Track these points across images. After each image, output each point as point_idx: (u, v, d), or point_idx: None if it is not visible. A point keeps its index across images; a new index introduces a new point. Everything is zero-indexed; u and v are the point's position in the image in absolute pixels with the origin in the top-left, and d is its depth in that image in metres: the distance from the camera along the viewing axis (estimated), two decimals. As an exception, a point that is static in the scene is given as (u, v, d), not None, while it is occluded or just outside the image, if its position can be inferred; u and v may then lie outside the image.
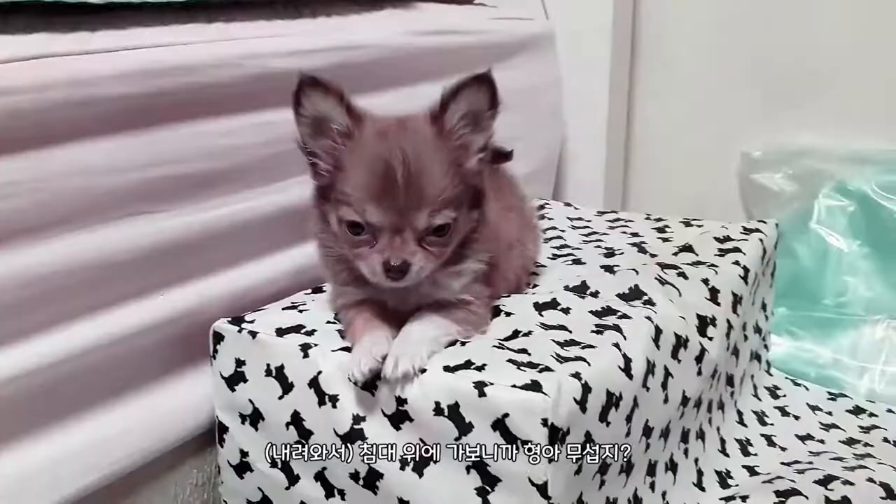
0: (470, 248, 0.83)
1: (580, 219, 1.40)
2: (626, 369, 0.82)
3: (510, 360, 0.77)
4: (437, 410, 0.74)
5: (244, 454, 0.88)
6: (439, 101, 0.77)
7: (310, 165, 0.80)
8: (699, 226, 1.32)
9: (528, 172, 1.50)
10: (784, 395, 1.32)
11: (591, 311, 0.91)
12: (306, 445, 0.82)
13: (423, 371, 0.76)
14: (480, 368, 0.75)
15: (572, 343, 0.83)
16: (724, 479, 1.05)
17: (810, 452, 1.14)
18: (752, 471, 1.08)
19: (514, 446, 0.71)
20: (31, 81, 0.69)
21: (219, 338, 0.87)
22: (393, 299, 0.83)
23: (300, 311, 0.90)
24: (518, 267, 0.98)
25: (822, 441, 1.18)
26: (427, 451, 0.75)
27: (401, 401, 0.76)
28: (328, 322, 0.88)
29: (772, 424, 1.22)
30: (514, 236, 0.96)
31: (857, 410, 1.29)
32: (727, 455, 1.10)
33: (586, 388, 0.75)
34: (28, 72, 0.69)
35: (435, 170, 0.76)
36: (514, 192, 1.08)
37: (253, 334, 0.85)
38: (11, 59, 0.68)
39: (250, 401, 0.86)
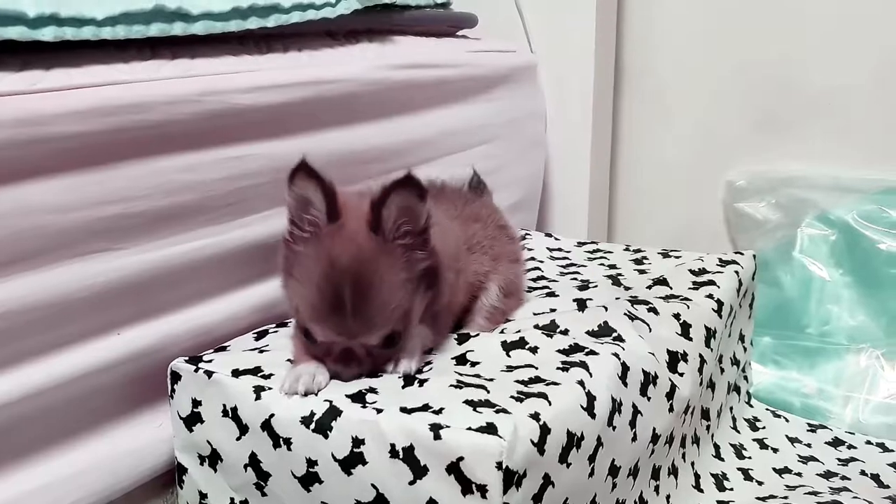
0: (427, 310, 0.86)
1: (560, 249, 1.40)
2: (589, 408, 0.80)
3: (467, 402, 0.75)
4: (393, 453, 0.73)
5: (203, 496, 0.86)
6: (371, 209, 0.79)
7: (288, 231, 0.83)
8: (677, 257, 1.31)
9: (512, 203, 1.51)
10: (763, 427, 1.30)
11: (558, 350, 0.90)
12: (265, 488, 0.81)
13: (420, 372, 0.83)
14: (437, 409, 0.74)
15: (537, 380, 0.82)
16: (697, 515, 1.03)
17: (787, 486, 1.12)
18: (726, 507, 1.06)
19: (469, 491, 0.70)
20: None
21: (176, 377, 0.86)
22: None
23: (260, 352, 0.89)
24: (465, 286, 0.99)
25: (799, 474, 1.17)
26: (380, 496, 0.74)
27: (357, 441, 0.75)
28: (288, 360, 0.87)
29: (749, 458, 1.20)
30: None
31: (837, 442, 1.28)
32: (701, 491, 1.08)
33: (545, 429, 0.73)
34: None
35: (383, 290, 0.79)
36: (493, 220, 1.10)
37: (209, 374, 0.84)
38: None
39: (208, 442, 0.85)
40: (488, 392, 0.78)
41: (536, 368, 0.85)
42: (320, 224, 0.80)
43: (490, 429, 0.70)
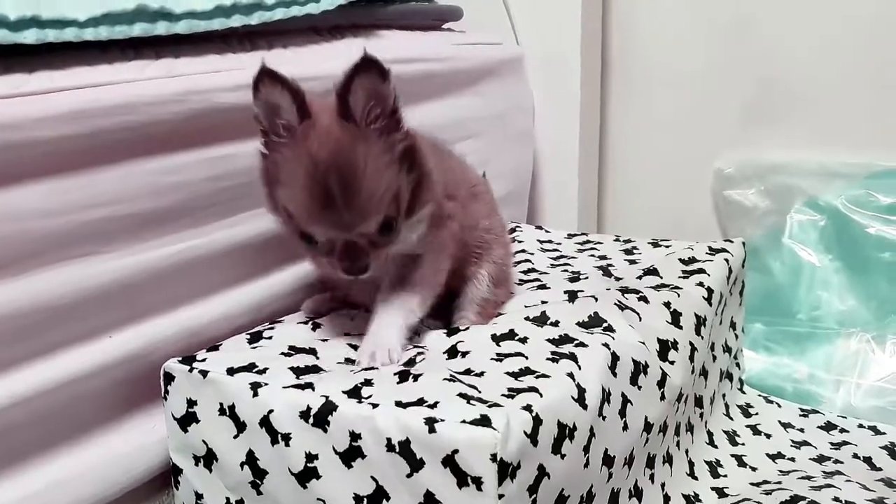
0: (417, 200, 0.86)
1: (550, 241, 1.40)
2: (580, 399, 0.80)
3: (461, 395, 0.76)
4: (389, 447, 0.73)
5: (199, 496, 0.86)
6: (337, 98, 0.79)
7: (262, 142, 0.83)
8: (667, 246, 1.32)
9: (501, 196, 1.50)
10: (756, 414, 1.31)
11: (548, 339, 0.90)
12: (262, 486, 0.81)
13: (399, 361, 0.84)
14: (432, 403, 0.74)
15: (527, 372, 0.82)
16: (691, 502, 1.03)
17: (780, 472, 1.13)
18: (721, 493, 1.07)
19: (465, 483, 0.70)
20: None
21: (169, 378, 0.86)
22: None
23: (253, 349, 0.90)
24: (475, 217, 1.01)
25: (792, 459, 1.18)
26: (380, 488, 0.74)
27: (354, 436, 0.75)
28: (282, 353, 0.87)
29: (743, 444, 1.21)
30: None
31: (829, 426, 1.29)
32: (696, 478, 1.09)
33: (537, 421, 0.73)
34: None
35: (369, 177, 0.79)
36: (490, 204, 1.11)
37: (204, 373, 0.84)
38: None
39: (204, 441, 0.84)
40: (480, 385, 0.78)
41: (527, 359, 0.85)
42: (293, 125, 0.80)
43: (484, 421, 0.70)
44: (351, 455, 0.75)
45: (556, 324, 0.97)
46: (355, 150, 0.79)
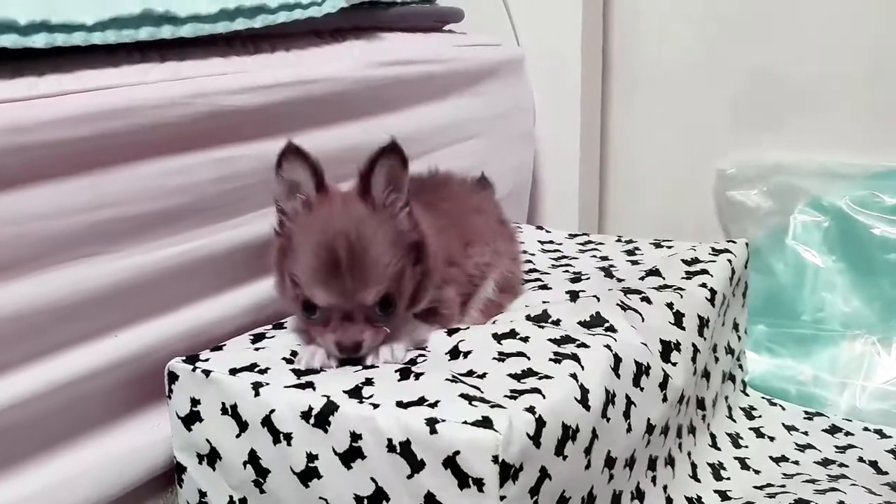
0: (418, 295, 0.89)
1: (551, 242, 1.40)
2: (583, 401, 0.81)
3: (463, 395, 0.76)
4: (390, 447, 0.73)
5: (202, 494, 0.87)
6: (360, 178, 0.84)
7: (278, 222, 0.88)
8: (669, 247, 1.32)
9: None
10: (760, 416, 1.31)
11: (550, 339, 0.90)
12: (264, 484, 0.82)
13: (413, 363, 0.85)
14: (432, 403, 0.75)
15: (530, 373, 0.82)
16: (694, 505, 1.04)
17: (784, 475, 1.13)
18: (723, 496, 1.07)
19: (466, 484, 0.70)
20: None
21: (173, 377, 0.86)
22: None
23: (256, 349, 0.90)
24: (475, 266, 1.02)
25: (796, 462, 1.18)
26: (380, 489, 0.75)
27: (355, 436, 0.75)
28: (283, 359, 0.87)
29: (746, 447, 1.21)
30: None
31: (834, 429, 1.29)
32: (698, 480, 1.09)
33: (540, 423, 0.74)
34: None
35: (376, 249, 0.83)
36: (495, 215, 1.13)
37: (207, 373, 0.84)
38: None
39: (207, 440, 0.85)
40: (482, 386, 0.78)
41: (529, 359, 0.85)
42: (310, 199, 0.84)
43: (485, 422, 0.70)
44: (351, 456, 0.75)
45: (557, 322, 0.97)
46: (367, 223, 0.83)
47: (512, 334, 0.91)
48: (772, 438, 1.25)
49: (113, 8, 0.87)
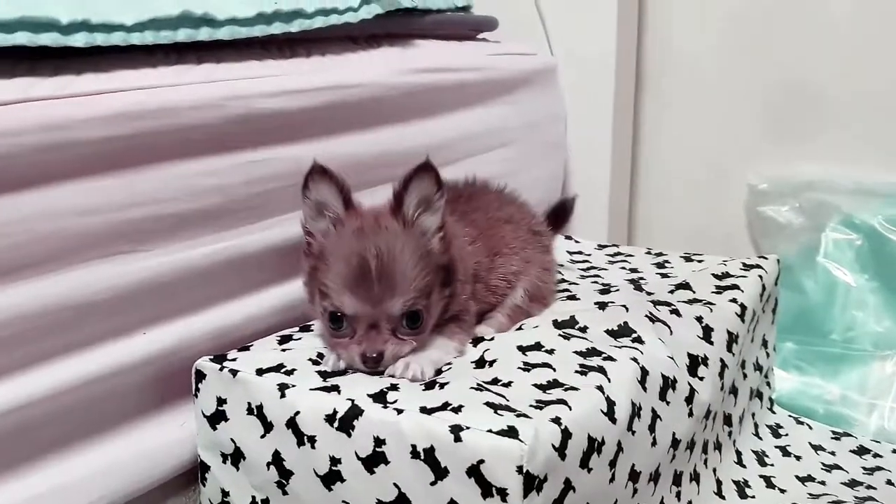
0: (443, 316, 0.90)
1: (580, 252, 1.40)
2: (610, 413, 0.80)
3: (488, 403, 0.76)
4: (414, 454, 0.73)
5: (225, 494, 0.87)
6: (394, 196, 0.86)
7: (306, 243, 0.89)
8: (699, 261, 1.31)
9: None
10: (786, 434, 1.29)
11: (575, 352, 0.90)
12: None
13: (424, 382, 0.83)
14: (457, 410, 0.74)
15: (555, 384, 0.82)
16: (718, 522, 1.03)
17: (810, 495, 1.11)
18: (748, 514, 1.06)
19: (489, 494, 0.70)
20: (5, 127, 0.70)
21: (200, 376, 0.87)
22: None
23: (283, 350, 0.90)
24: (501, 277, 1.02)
25: (823, 483, 1.16)
26: (402, 495, 0.75)
27: (378, 441, 0.75)
28: (309, 360, 0.88)
29: (772, 465, 1.19)
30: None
31: (862, 450, 1.27)
32: (723, 497, 1.07)
33: (566, 434, 0.73)
34: (4, 117, 0.70)
35: (405, 261, 0.84)
36: (527, 224, 1.11)
37: (234, 373, 0.85)
38: (-13, 104, 0.70)
39: (232, 440, 0.85)
40: (508, 395, 0.78)
41: (554, 370, 0.85)
42: (340, 217, 0.86)
43: (511, 432, 0.70)
44: (374, 461, 0.76)
45: (584, 329, 0.96)
46: (398, 237, 0.84)
47: (538, 346, 0.91)
48: (798, 457, 1.23)
49: (152, 9, 0.89)
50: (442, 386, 0.81)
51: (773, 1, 1.65)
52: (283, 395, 0.81)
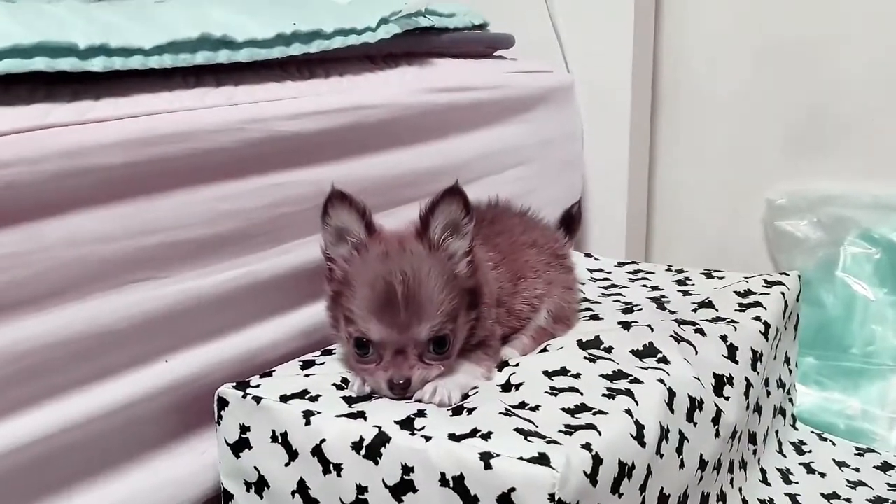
0: (470, 340, 0.89)
1: (600, 270, 1.39)
2: (639, 437, 0.79)
3: (518, 430, 0.74)
4: (443, 482, 0.72)
5: (249, 522, 0.86)
6: (420, 219, 0.85)
7: (327, 270, 0.88)
8: (720, 278, 1.29)
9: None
10: (810, 451, 1.28)
11: (602, 375, 0.89)
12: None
13: (451, 407, 0.81)
14: (486, 437, 0.73)
15: (583, 408, 0.81)
16: (746, 543, 1.01)
17: (836, 513, 1.10)
18: (776, 534, 1.04)
19: (521, 522, 0.69)
20: (24, 154, 0.70)
21: (223, 403, 0.86)
22: None
23: (307, 376, 0.89)
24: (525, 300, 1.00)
25: (848, 500, 1.15)
26: (432, 523, 0.73)
27: (406, 469, 0.74)
28: (333, 385, 0.87)
29: (796, 483, 1.18)
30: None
31: (886, 466, 1.26)
32: (750, 517, 1.06)
33: (597, 460, 0.72)
34: (22, 145, 0.70)
35: (431, 286, 0.82)
36: (550, 248, 1.09)
37: (257, 400, 0.84)
38: (7, 132, 0.69)
39: (256, 468, 0.84)
40: (536, 420, 0.77)
41: (581, 394, 0.84)
42: (363, 240, 0.85)
43: (542, 459, 0.69)
44: (402, 489, 0.74)
45: (609, 350, 0.95)
46: (424, 261, 0.83)
47: (563, 371, 0.90)
48: (822, 475, 1.22)
49: (170, 32, 0.88)
50: (470, 411, 0.79)
51: (789, 22, 1.65)
52: (307, 423, 0.80)
